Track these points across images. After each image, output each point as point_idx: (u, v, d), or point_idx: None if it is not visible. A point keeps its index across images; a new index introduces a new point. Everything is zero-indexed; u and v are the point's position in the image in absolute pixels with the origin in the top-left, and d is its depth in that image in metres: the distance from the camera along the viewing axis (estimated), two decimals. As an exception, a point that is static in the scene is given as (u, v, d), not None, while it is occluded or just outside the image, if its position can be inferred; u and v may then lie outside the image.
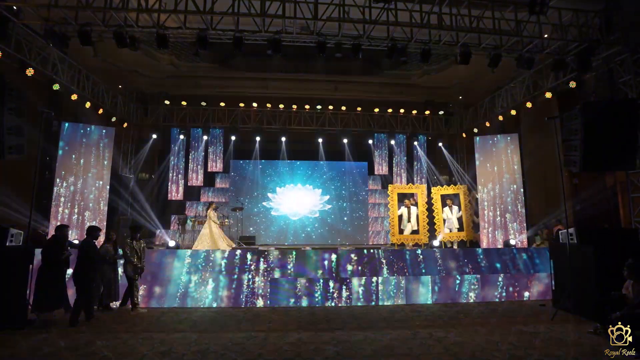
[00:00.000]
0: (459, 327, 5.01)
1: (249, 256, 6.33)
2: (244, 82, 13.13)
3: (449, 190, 9.73)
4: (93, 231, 4.65)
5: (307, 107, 12.52)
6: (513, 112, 9.60)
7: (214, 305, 6.11)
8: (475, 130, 11.73)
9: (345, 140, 12.65)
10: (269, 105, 12.45)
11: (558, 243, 6.21)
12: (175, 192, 12.15)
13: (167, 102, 12.23)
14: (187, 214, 12.23)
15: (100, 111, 9.63)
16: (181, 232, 10.79)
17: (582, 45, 6.45)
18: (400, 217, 9.01)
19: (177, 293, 6.08)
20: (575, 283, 5.50)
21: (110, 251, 5.55)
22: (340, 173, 13.25)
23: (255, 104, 12.41)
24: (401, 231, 9.06)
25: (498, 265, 6.70)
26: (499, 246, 8.39)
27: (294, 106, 12.51)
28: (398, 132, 12.91)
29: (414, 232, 8.72)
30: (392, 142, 12.90)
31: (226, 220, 10.96)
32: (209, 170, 12.35)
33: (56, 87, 7.70)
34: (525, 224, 8.25)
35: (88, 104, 8.99)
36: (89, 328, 4.82)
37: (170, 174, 12.19)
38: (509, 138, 8.72)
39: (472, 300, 6.53)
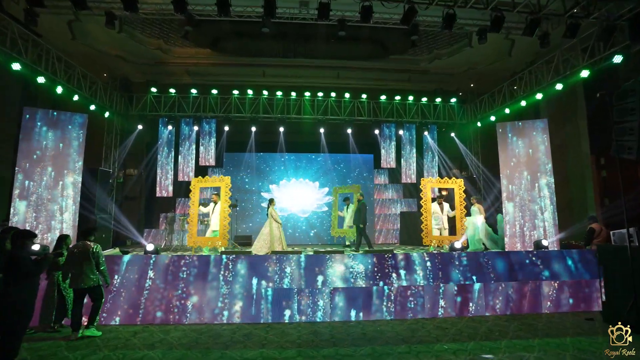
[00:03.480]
0: (498, 353, 4.01)
1: (240, 262, 5.32)
2: (239, 69, 12.09)
3: (346, 189, 10.02)
4: (20, 238, 3.47)
5: (307, 94, 11.47)
6: (539, 96, 8.53)
7: (197, 321, 5.11)
8: (493, 118, 10.68)
9: (349, 131, 11.62)
10: (265, 92, 11.39)
11: (611, 245, 5.19)
12: (164, 188, 11.12)
13: (154, 89, 11.17)
14: (178, 212, 11.24)
15: (76, 98, 8.57)
16: (169, 232, 9.79)
17: (638, 8, 5.39)
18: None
19: (153, 307, 5.08)
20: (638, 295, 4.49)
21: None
22: (344, 166, 12.24)
23: (250, 92, 11.36)
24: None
25: (529, 271, 5.69)
26: (521, 248, 7.38)
27: (293, 93, 11.45)
28: (407, 122, 11.85)
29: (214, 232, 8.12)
30: (401, 132, 11.84)
31: (219, 218, 9.97)
32: (201, 164, 11.33)
33: (16, 67, 6.63)
34: (557, 222, 7.22)
35: (60, 89, 7.93)
36: (34, 357, 3.81)
37: (158, 169, 11.17)
38: (539, 124, 7.64)
39: (500, 313, 5.53)
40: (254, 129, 11.39)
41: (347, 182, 12.11)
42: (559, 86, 7.82)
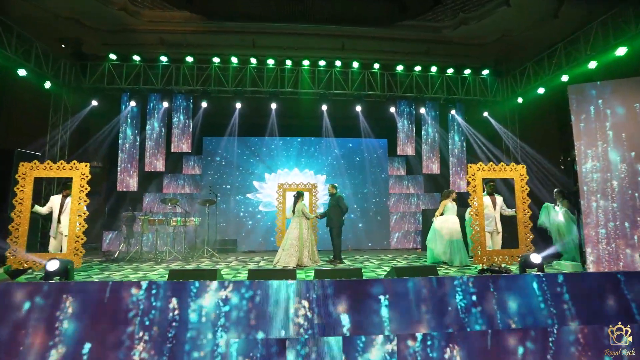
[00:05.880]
0: None
1: (193, 291, 3.05)
2: (224, 37, 9.80)
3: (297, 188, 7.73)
4: None
5: (305, 63, 9.21)
6: (621, 51, 6.29)
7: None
8: (541, 90, 8.46)
9: (358, 109, 9.36)
10: (253, 61, 9.12)
11: None
12: (126, 181, 8.85)
13: (113, 56, 8.88)
14: (144, 210, 9.00)
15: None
16: (127, 236, 7.53)
17: None
18: None
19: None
20: None
21: None
22: (352, 154, 10.02)
23: (235, 60, 9.09)
24: None
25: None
26: (609, 266, 5.16)
27: (288, 62, 9.20)
28: (430, 98, 9.61)
29: None
30: (422, 110, 9.59)
31: (193, 219, 7.72)
32: (173, 150, 9.05)
33: None
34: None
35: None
36: None
37: (120, 156, 8.91)
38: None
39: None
40: (239, 105, 9.13)
41: (354, 173, 9.88)
42: (658, 33, 5.57)
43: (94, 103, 8.69)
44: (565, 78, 7.60)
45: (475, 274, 4.13)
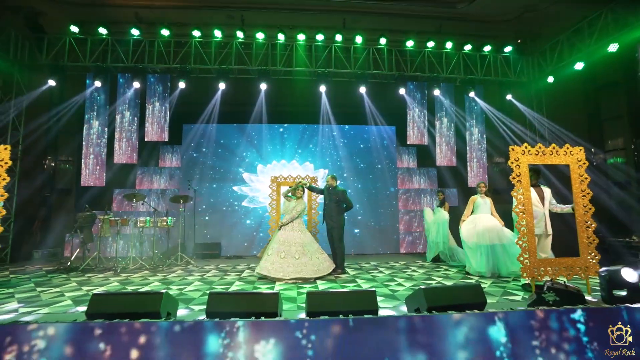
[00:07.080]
0: None
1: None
2: (208, 14, 8.50)
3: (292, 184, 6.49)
4: None
5: (301, 37, 7.92)
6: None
7: None
8: (579, 65, 7.17)
9: (362, 90, 8.05)
10: (240, 35, 7.83)
11: None
12: (92, 175, 7.56)
13: (74, 28, 7.58)
14: (112, 209, 7.71)
15: None
16: (84, 240, 6.23)
17: None
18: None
19: None
20: None
21: None
22: (355, 143, 8.73)
23: (218, 33, 7.79)
24: None
25: None
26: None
27: (281, 36, 7.90)
28: (444, 79, 8.33)
29: None
30: (437, 92, 8.28)
31: (165, 219, 6.44)
32: (147, 139, 7.75)
33: None
34: None
35: None
36: None
37: (84, 146, 7.62)
38: None
39: None
40: (222, 86, 7.82)
41: (358, 166, 8.60)
42: None
43: (52, 82, 7.37)
44: (613, 47, 6.31)
45: (533, 297, 2.85)
